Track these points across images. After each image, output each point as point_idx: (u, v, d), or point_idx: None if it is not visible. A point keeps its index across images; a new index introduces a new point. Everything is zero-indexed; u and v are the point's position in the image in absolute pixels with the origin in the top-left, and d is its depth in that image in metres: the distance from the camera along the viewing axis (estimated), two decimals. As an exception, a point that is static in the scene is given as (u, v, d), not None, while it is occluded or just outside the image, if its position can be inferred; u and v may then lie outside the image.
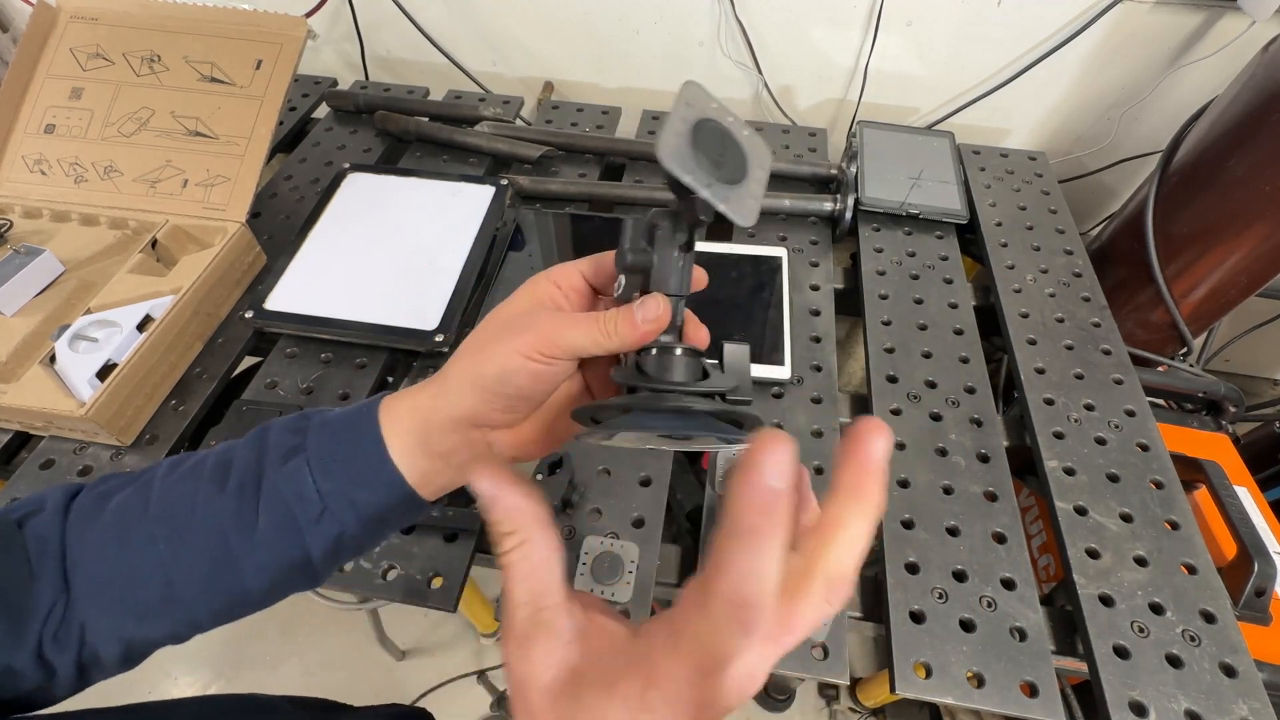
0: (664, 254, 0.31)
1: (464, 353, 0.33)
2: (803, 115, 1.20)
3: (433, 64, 1.22)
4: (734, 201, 0.30)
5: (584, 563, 0.55)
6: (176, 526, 0.33)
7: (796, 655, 0.53)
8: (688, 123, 0.29)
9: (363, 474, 0.33)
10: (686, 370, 0.31)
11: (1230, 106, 0.77)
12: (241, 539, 0.32)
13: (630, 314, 0.30)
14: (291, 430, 0.34)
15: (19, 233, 0.77)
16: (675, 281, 0.31)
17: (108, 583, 0.33)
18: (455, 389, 0.32)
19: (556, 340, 0.30)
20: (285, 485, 0.32)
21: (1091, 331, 0.76)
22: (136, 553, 0.32)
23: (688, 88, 0.30)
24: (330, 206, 0.82)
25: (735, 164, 0.30)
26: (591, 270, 0.35)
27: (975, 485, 0.63)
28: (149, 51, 0.79)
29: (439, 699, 1.25)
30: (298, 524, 0.32)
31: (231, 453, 0.34)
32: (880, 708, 1.16)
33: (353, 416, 0.34)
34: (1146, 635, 0.54)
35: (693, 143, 0.29)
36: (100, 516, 0.33)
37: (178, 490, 0.34)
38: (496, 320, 0.33)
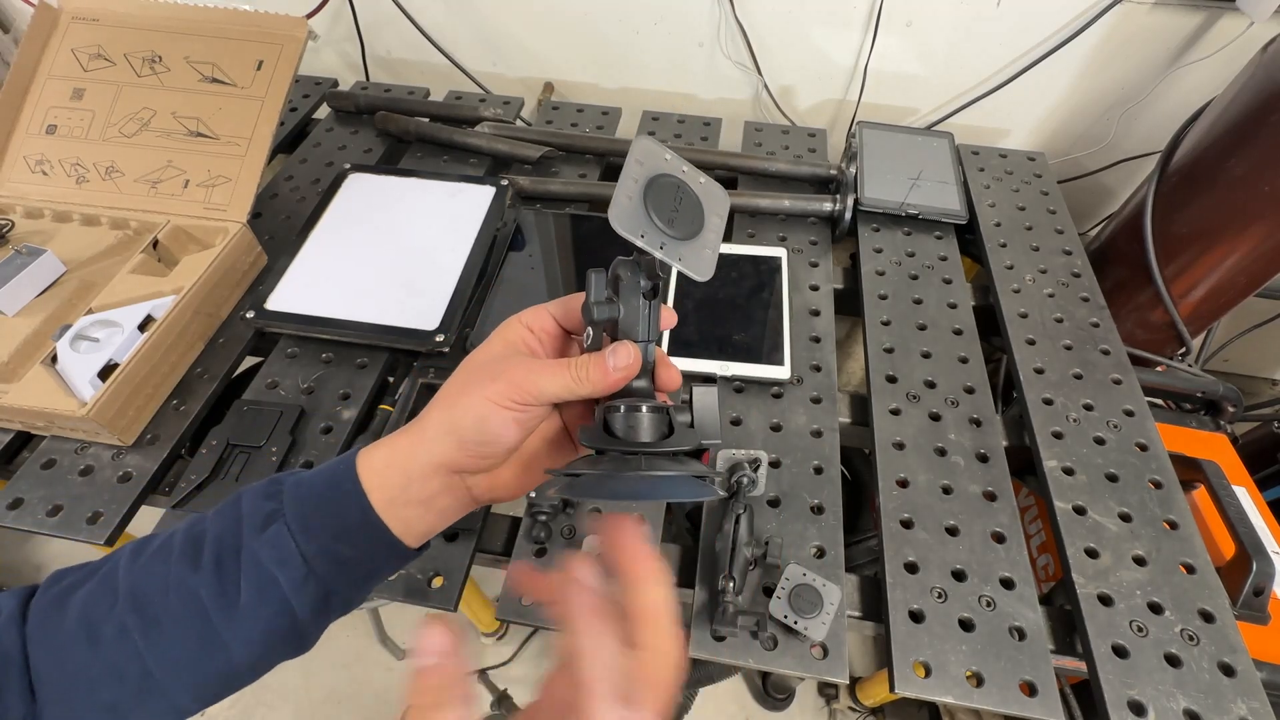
0: (629, 303, 0.32)
1: (440, 401, 0.33)
2: (802, 115, 1.21)
3: (433, 64, 1.22)
4: (689, 258, 0.30)
5: (584, 562, 0.55)
6: (150, 614, 0.31)
7: (796, 655, 0.53)
8: (640, 181, 0.30)
9: (346, 530, 0.32)
10: (652, 428, 0.32)
11: (1229, 107, 0.77)
12: (224, 615, 0.31)
13: (602, 361, 0.31)
14: (265, 496, 0.33)
15: (20, 233, 0.77)
16: (642, 328, 0.32)
17: (77, 686, 0.31)
18: (433, 437, 0.32)
19: (529, 388, 0.31)
20: (265, 552, 0.32)
21: (1090, 331, 0.76)
22: (108, 648, 0.31)
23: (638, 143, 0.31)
24: (331, 207, 0.82)
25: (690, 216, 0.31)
26: (561, 312, 0.35)
27: (974, 485, 0.63)
28: (150, 52, 0.80)
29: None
30: (282, 590, 0.32)
31: (200, 527, 0.33)
32: (879, 707, 1.17)
33: (329, 474, 0.33)
34: (1145, 635, 0.54)
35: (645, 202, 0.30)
36: (63, 617, 0.32)
37: (147, 575, 0.32)
38: (470, 366, 0.34)
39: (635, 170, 0.30)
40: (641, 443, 0.31)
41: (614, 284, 0.33)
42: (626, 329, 0.32)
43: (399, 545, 0.33)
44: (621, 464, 0.30)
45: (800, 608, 0.53)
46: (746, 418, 0.67)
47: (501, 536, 0.61)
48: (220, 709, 1.25)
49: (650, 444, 0.31)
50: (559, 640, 0.27)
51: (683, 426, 0.33)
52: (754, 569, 0.56)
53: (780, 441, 0.66)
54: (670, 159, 0.32)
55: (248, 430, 0.64)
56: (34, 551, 1.42)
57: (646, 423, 0.32)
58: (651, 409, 0.32)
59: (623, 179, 0.30)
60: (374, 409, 0.69)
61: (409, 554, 0.34)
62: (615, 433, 0.32)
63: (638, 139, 0.31)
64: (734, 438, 0.66)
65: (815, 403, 0.69)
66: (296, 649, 0.34)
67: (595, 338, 0.33)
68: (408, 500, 0.33)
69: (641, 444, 0.31)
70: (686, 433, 0.33)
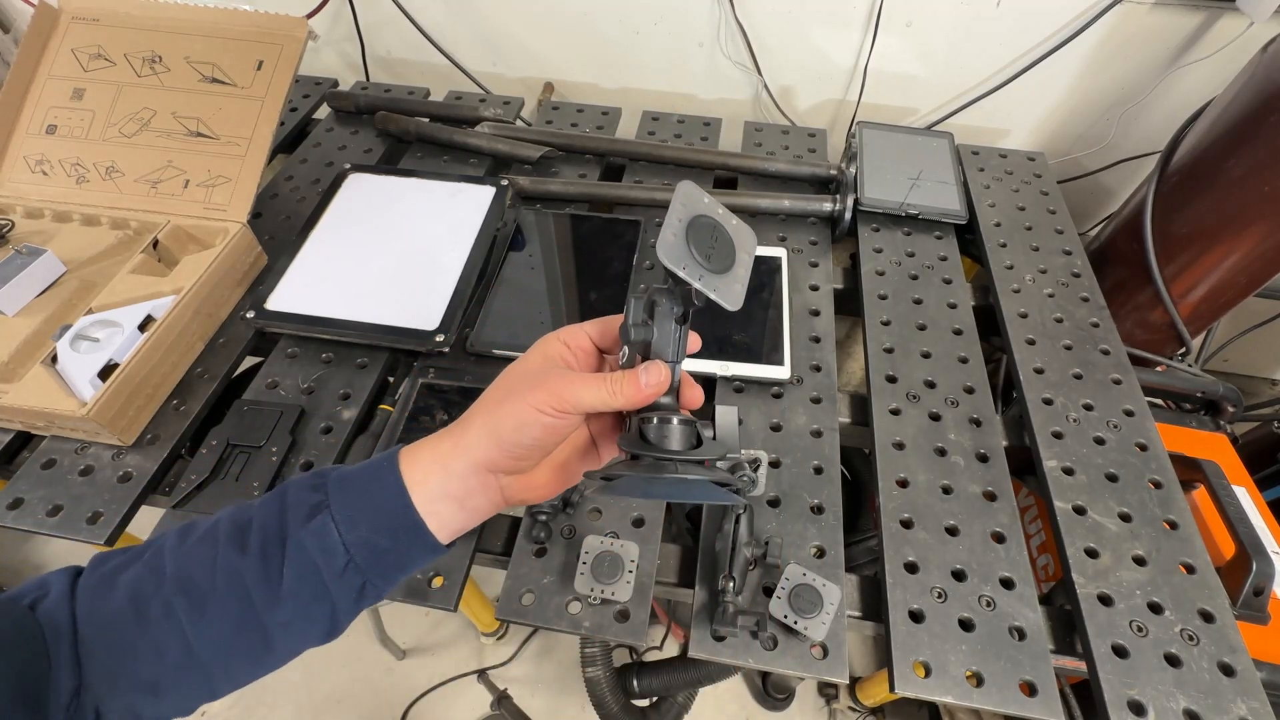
0: (663, 327, 0.36)
1: (482, 406, 0.36)
2: (802, 116, 1.21)
3: (433, 65, 1.22)
4: (723, 290, 0.34)
5: (584, 562, 0.55)
6: (196, 595, 0.34)
7: (796, 655, 0.53)
8: (683, 221, 0.34)
9: (387, 523, 0.35)
10: (682, 438, 0.36)
11: (1229, 107, 0.77)
12: (266, 597, 0.33)
13: (635, 378, 0.35)
14: (311, 488, 0.36)
15: (20, 233, 0.77)
16: (672, 350, 0.36)
17: (122, 661, 0.33)
18: (474, 438, 0.35)
19: (568, 397, 0.34)
20: (311, 541, 0.34)
21: (1090, 331, 0.76)
22: (155, 626, 0.33)
23: (682, 188, 0.35)
24: (331, 207, 0.82)
25: (724, 253, 0.35)
26: (598, 332, 0.39)
27: (974, 485, 0.63)
28: (150, 52, 0.80)
29: (439, 699, 1.25)
30: (323, 578, 0.34)
31: (246, 515, 0.36)
32: (879, 707, 1.17)
33: (373, 470, 0.36)
34: (1145, 634, 0.54)
35: (687, 238, 0.34)
36: (111, 595, 0.34)
37: (194, 557, 0.35)
38: (512, 375, 0.37)
39: (679, 210, 0.34)
40: (673, 450, 0.35)
41: (649, 309, 0.36)
42: (659, 350, 0.36)
43: (432, 540, 0.36)
44: (657, 467, 0.34)
45: (800, 608, 0.53)
46: (746, 418, 0.67)
47: (501, 536, 0.61)
48: (220, 709, 1.25)
49: (680, 451, 0.35)
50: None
51: (708, 439, 0.37)
52: (754, 569, 0.56)
53: (780, 441, 0.66)
54: (708, 202, 0.36)
55: (248, 430, 0.64)
56: (34, 551, 1.42)
57: (678, 433, 0.36)
58: (682, 421, 0.36)
59: (668, 217, 0.34)
60: (374, 409, 0.69)
61: (440, 549, 0.36)
62: (650, 440, 0.36)
63: (681, 184, 0.35)
64: (734, 438, 0.66)
65: (815, 403, 0.69)
66: (328, 635, 0.36)
67: (630, 356, 0.37)
68: (445, 496, 0.35)
69: (673, 451, 0.35)
70: (712, 444, 0.36)
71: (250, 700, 1.26)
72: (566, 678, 1.29)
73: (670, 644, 1.28)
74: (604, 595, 0.54)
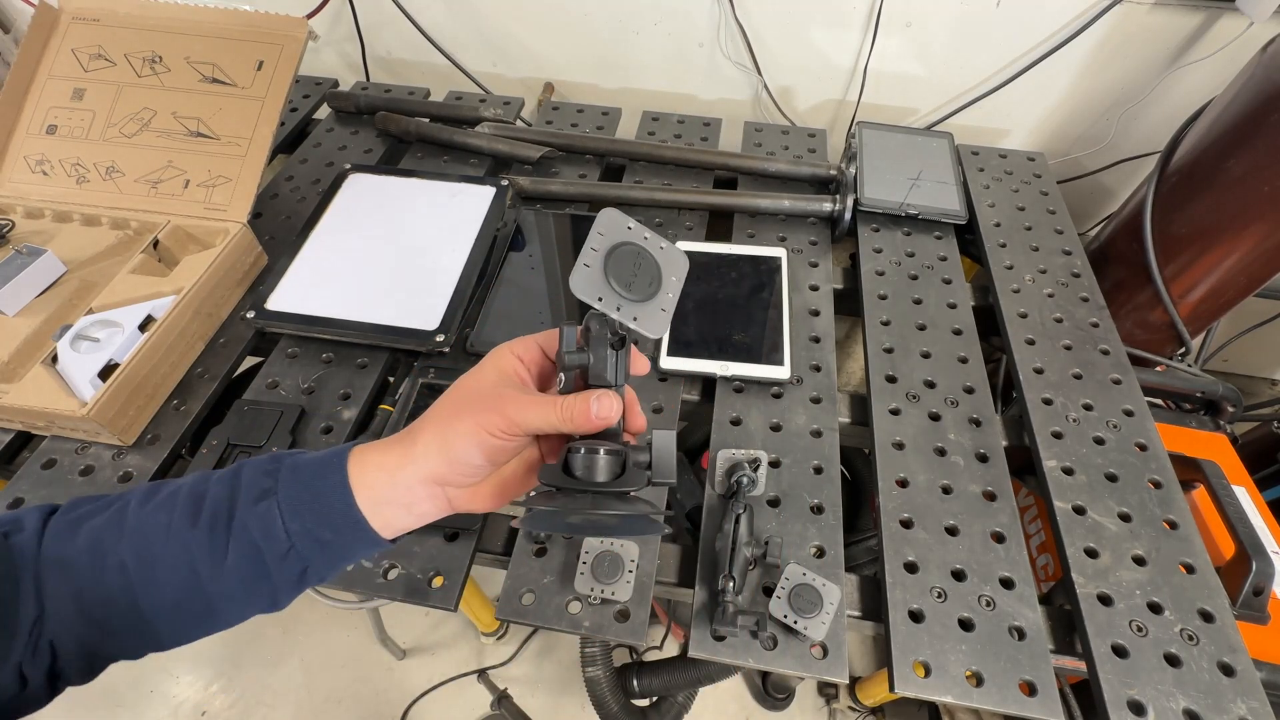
0: (598, 352, 0.36)
1: (433, 419, 0.37)
2: (802, 116, 1.21)
3: (433, 65, 1.22)
4: (643, 318, 0.34)
5: (584, 561, 0.55)
6: (148, 555, 0.35)
7: (796, 655, 0.53)
8: (600, 251, 0.34)
9: (329, 518, 0.36)
10: (606, 469, 0.36)
11: (1229, 107, 0.77)
12: (211, 570, 0.35)
13: (586, 407, 0.35)
14: (263, 473, 0.37)
15: (21, 233, 0.77)
16: (610, 375, 0.36)
17: (78, 601, 0.35)
18: (423, 453, 0.36)
19: (518, 420, 0.35)
20: (255, 523, 0.35)
21: (1090, 331, 0.76)
22: (109, 574, 0.35)
23: (602, 216, 0.35)
24: (331, 207, 0.82)
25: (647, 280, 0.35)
26: (548, 342, 0.40)
27: (974, 485, 0.63)
28: (150, 52, 0.80)
29: (439, 698, 1.26)
30: (264, 559, 0.35)
31: (204, 486, 0.37)
32: (879, 706, 1.17)
33: (322, 465, 0.37)
34: (1145, 634, 0.54)
35: (605, 268, 0.34)
36: (75, 539, 0.36)
37: (151, 520, 0.36)
38: (464, 391, 0.37)
39: (597, 240, 0.35)
40: (596, 482, 0.35)
41: (585, 334, 0.36)
42: (596, 375, 0.36)
43: (375, 537, 0.37)
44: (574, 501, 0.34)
45: (800, 607, 0.53)
46: (746, 418, 0.67)
47: (501, 536, 0.61)
48: (220, 708, 1.25)
49: (604, 484, 0.35)
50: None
51: (635, 467, 0.36)
52: (754, 569, 0.56)
53: (780, 441, 0.66)
54: (633, 228, 0.36)
55: (248, 430, 0.64)
56: (34, 551, 1.42)
57: (603, 464, 0.36)
58: (608, 451, 0.36)
59: (585, 247, 0.34)
60: (374, 409, 0.69)
61: (384, 544, 0.38)
62: (574, 472, 0.36)
63: (602, 212, 0.35)
64: (734, 438, 0.66)
65: (815, 403, 0.69)
66: (270, 607, 0.38)
67: (568, 381, 0.37)
68: (391, 501, 0.37)
69: (595, 483, 0.35)
70: (636, 473, 0.36)
71: (250, 700, 1.26)
72: (566, 678, 1.29)
73: (670, 644, 1.28)
74: (604, 595, 0.54)
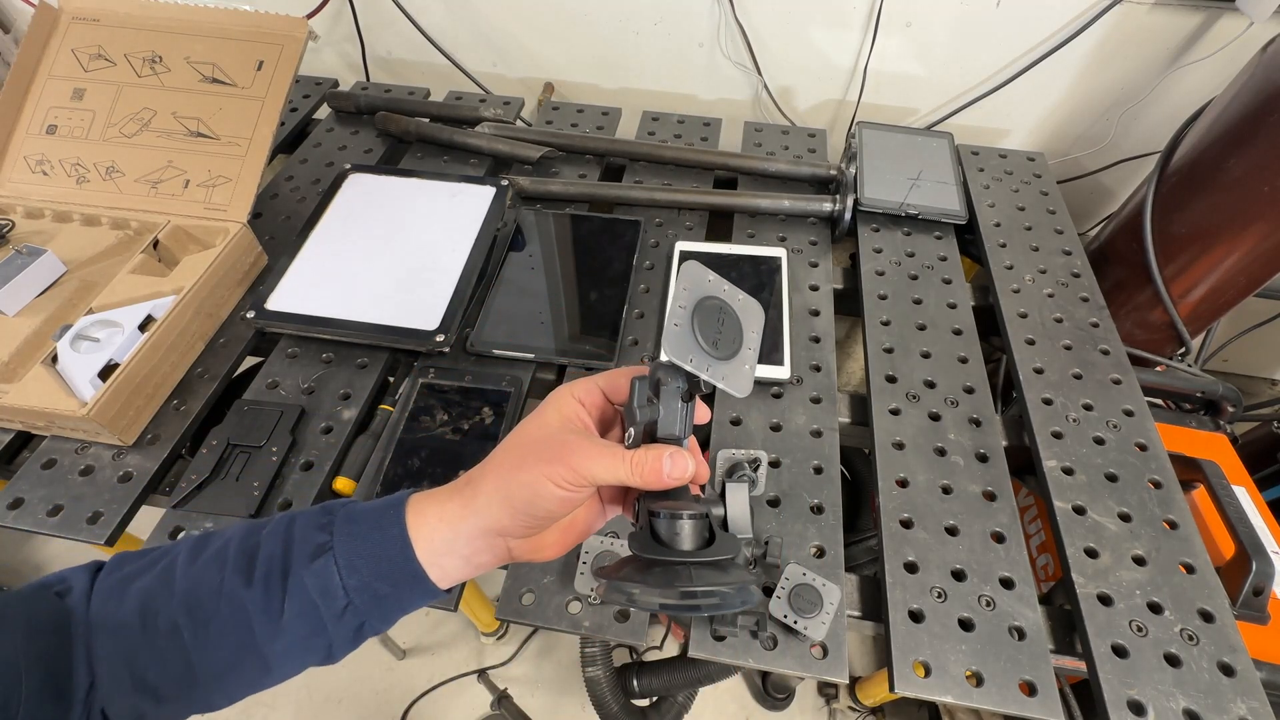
0: (668, 405, 0.35)
1: (495, 469, 0.36)
2: (802, 116, 1.21)
3: (433, 65, 1.22)
4: (731, 377, 0.34)
5: (584, 561, 0.56)
6: (201, 617, 0.35)
7: (796, 655, 0.53)
8: (688, 308, 0.33)
9: (388, 573, 0.35)
10: (694, 536, 0.34)
11: (1229, 107, 0.77)
12: (267, 628, 0.34)
13: (659, 466, 0.34)
14: (317, 526, 0.36)
15: (21, 233, 0.77)
16: (679, 428, 0.35)
17: (130, 666, 0.34)
18: (485, 504, 0.35)
19: (586, 473, 0.33)
20: (312, 581, 0.35)
21: (1090, 331, 0.76)
22: (159, 638, 0.34)
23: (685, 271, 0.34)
24: (331, 207, 0.82)
25: (732, 335, 0.34)
26: (609, 385, 0.39)
27: (974, 485, 0.63)
28: (150, 52, 0.80)
29: (439, 698, 1.25)
30: (322, 617, 0.35)
31: (254, 540, 0.37)
32: (879, 706, 1.17)
33: (379, 518, 0.36)
34: (1145, 634, 0.54)
35: (693, 325, 0.33)
36: (123, 601, 0.35)
37: (203, 578, 0.35)
38: (527, 438, 0.36)
39: (683, 297, 0.33)
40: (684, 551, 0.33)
41: (654, 385, 0.35)
42: (665, 428, 0.35)
43: (433, 588, 0.36)
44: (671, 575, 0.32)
45: (800, 607, 0.53)
46: (746, 418, 0.67)
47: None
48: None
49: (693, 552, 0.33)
50: None
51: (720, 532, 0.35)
52: (754, 569, 0.56)
53: (780, 441, 0.66)
54: (713, 280, 0.34)
55: (248, 430, 0.64)
56: (34, 551, 1.42)
57: (689, 531, 0.34)
58: (692, 516, 0.34)
59: (672, 304, 0.33)
60: (374, 409, 0.69)
61: (440, 594, 0.37)
62: (661, 538, 0.34)
63: (685, 265, 0.34)
64: (734, 438, 0.66)
65: (815, 403, 0.69)
66: (324, 661, 0.37)
67: (636, 436, 0.36)
68: (450, 553, 0.36)
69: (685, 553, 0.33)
70: (725, 539, 0.34)
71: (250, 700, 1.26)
72: (566, 678, 1.29)
73: (670, 644, 1.28)
74: (604, 595, 0.54)
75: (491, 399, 0.68)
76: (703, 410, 0.38)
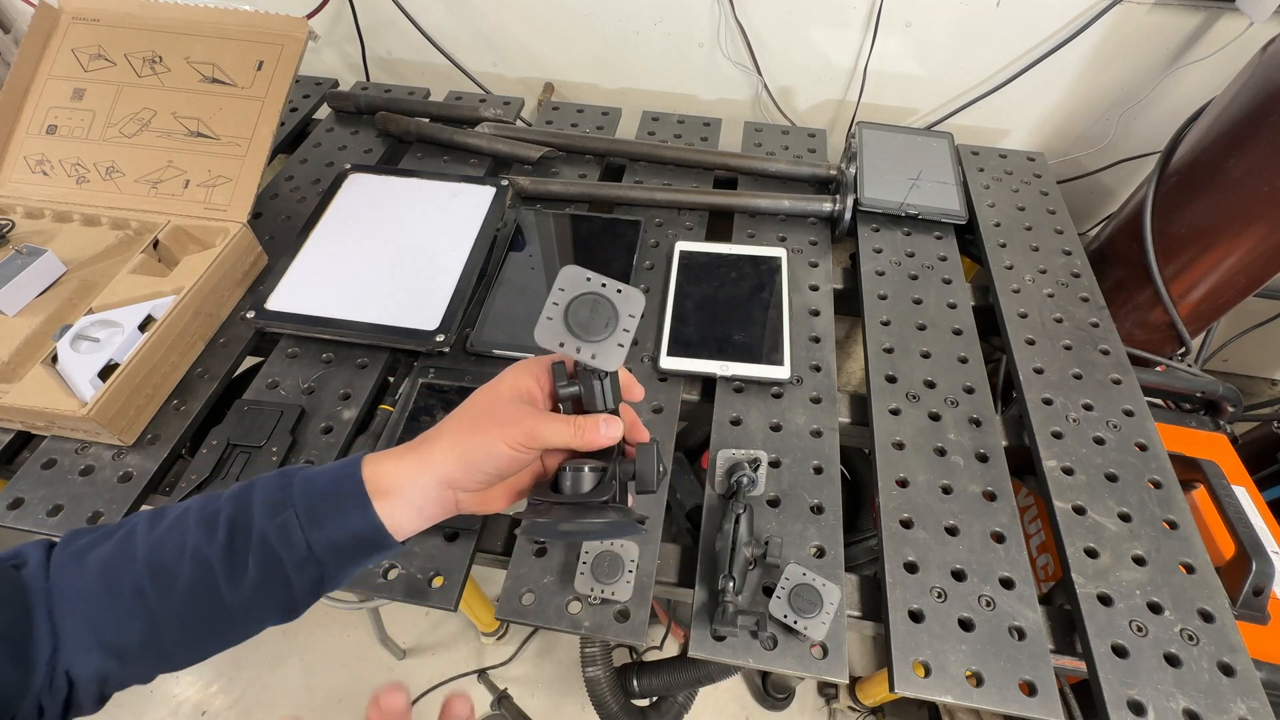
0: (586, 384, 0.42)
1: (452, 428, 0.41)
2: (802, 116, 1.21)
3: (434, 65, 1.22)
4: (600, 354, 0.40)
5: (584, 562, 0.56)
6: (167, 576, 0.37)
7: (796, 655, 0.53)
8: (561, 304, 0.41)
9: (346, 524, 0.38)
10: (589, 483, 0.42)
11: (1229, 107, 0.77)
12: (231, 583, 0.37)
13: (597, 428, 0.41)
14: (277, 487, 0.39)
15: (21, 233, 0.77)
16: (601, 402, 0.42)
17: (93, 629, 0.36)
18: (441, 459, 0.39)
19: (537, 436, 0.39)
20: (275, 534, 0.37)
21: (1090, 331, 0.76)
22: (125, 600, 0.36)
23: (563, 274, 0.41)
24: (331, 207, 0.82)
25: (603, 320, 0.41)
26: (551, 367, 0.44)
27: (974, 485, 0.63)
28: (150, 52, 0.80)
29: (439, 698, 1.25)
30: (284, 568, 0.37)
31: (214, 507, 0.39)
32: (879, 706, 1.17)
33: (336, 474, 0.40)
34: (1145, 634, 0.54)
35: (565, 316, 0.40)
36: (83, 568, 0.37)
37: (165, 541, 0.38)
38: (483, 405, 0.41)
39: (557, 295, 0.41)
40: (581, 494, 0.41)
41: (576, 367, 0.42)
42: (588, 402, 0.42)
43: (390, 541, 0.39)
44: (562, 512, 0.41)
45: (800, 607, 0.53)
46: (746, 418, 0.67)
47: (501, 536, 0.61)
48: (220, 708, 1.25)
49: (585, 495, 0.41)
50: None
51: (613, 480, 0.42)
52: (754, 569, 0.56)
53: (780, 441, 0.66)
54: (591, 279, 0.42)
55: (248, 430, 0.64)
56: (34, 551, 1.42)
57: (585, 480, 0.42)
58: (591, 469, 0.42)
59: (547, 302, 0.41)
60: (374, 409, 0.69)
61: (396, 547, 0.40)
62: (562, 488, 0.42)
63: (564, 270, 0.42)
64: (734, 438, 0.66)
65: (815, 403, 0.69)
66: (285, 616, 0.40)
67: (566, 410, 0.43)
68: (405, 504, 0.39)
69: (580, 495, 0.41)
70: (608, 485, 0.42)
71: (250, 700, 1.26)
72: (566, 678, 1.29)
73: (670, 644, 1.28)
74: (604, 595, 0.55)
75: (491, 399, 0.68)
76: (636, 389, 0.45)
